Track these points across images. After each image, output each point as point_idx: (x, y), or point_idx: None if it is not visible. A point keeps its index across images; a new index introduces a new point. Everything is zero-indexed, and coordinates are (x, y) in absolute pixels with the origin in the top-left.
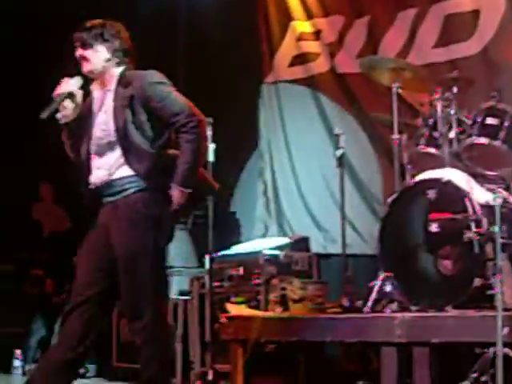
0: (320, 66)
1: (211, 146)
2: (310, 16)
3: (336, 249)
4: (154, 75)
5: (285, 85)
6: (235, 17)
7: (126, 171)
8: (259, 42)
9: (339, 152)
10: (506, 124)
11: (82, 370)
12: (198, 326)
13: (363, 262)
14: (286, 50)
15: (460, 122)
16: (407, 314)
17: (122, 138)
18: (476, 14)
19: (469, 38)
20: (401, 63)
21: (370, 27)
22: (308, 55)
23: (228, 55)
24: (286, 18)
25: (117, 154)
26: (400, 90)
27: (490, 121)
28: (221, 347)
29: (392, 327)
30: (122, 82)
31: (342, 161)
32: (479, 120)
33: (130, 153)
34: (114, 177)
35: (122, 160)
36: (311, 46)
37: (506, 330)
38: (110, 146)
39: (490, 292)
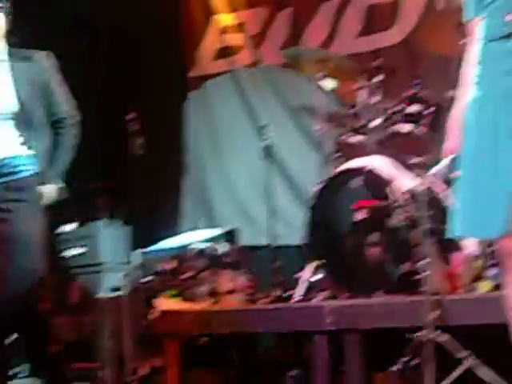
0: (244, 58)
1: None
2: (233, 8)
3: (265, 240)
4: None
5: (210, 78)
6: (157, 10)
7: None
8: (182, 36)
9: (265, 143)
10: (428, 111)
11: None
12: (130, 322)
13: (292, 253)
14: (210, 43)
15: (384, 111)
16: (337, 302)
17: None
18: (397, 3)
19: (391, 28)
20: (324, 54)
21: (293, 18)
22: (232, 48)
23: (150, 49)
24: (209, 10)
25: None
26: (324, 80)
27: (412, 109)
28: (153, 342)
29: (322, 315)
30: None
31: (268, 152)
32: (402, 108)
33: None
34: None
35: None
36: (235, 39)
37: (433, 314)
38: None
39: (417, 277)
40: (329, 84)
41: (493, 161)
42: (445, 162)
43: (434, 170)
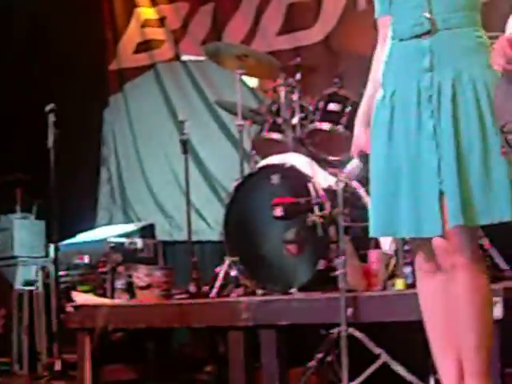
0: (164, 52)
1: (54, 133)
2: (154, 2)
3: (182, 235)
4: None
5: (129, 71)
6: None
7: None
8: (103, 28)
9: (183, 138)
10: (348, 110)
11: None
12: (44, 316)
13: (210, 248)
14: (131, 36)
15: (303, 108)
16: (253, 298)
17: None
18: (319, 2)
19: (312, 26)
20: (245, 50)
21: (214, 14)
22: (152, 42)
23: (71, 40)
24: (131, 3)
25: None
26: (244, 76)
27: (332, 107)
28: (68, 337)
29: (238, 311)
30: None
31: (186, 147)
32: (321, 106)
33: None
34: None
35: None
36: (156, 33)
37: (349, 310)
38: None
39: (333, 274)
40: (249, 80)
41: (411, 161)
42: (354, 161)
43: (345, 169)
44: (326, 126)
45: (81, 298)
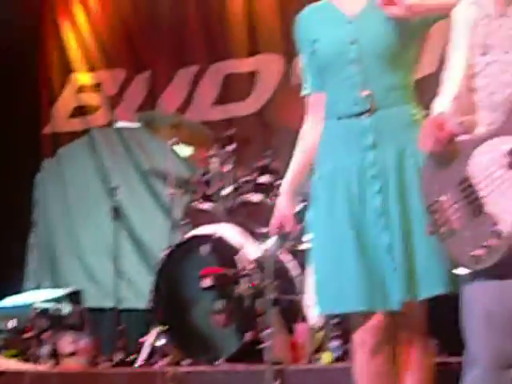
0: (100, 118)
1: None
2: (91, 68)
3: (110, 303)
4: None
5: (64, 136)
6: (15, 61)
7: None
8: (38, 91)
9: (115, 205)
10: (279, 183)
11: None
12: None
13: (137, 317)
14: (66, 101)
15: (235, 180)
16: (179, 368)
17: None
18: (254, 75)
19: (246, 98)
20: (179, 119)
21: (150, 82)
22: (88, 107)
23: (5, 102)
24: (67, 68)
25: None
26: (178, 145)
27: (263, 179)
28: None
29: (164, 381)
30: None
31: (118, 213)
32: (253, 178)
33: None
34: None
35: None
36: (91, 98)
37: (276, 383)
38: None
39: (260, 346)
40: (182, 150)
41: (358, 237)
42: (272, 239)
43: (263, 247)
44: (256, 197)
45: (5, 363)
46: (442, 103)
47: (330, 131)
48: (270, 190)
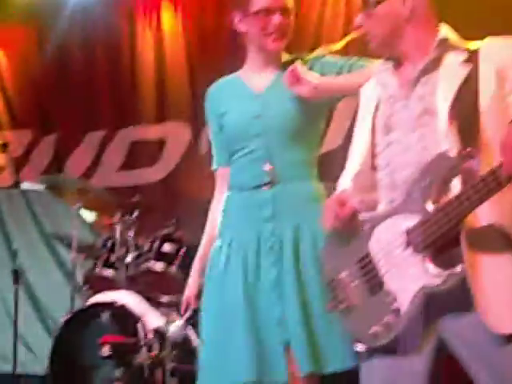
0: (4, 179)
1: None
2: None
3: (8, 367)
4: None
5: None
6: None
7: None
8: None
9: (16, 268)
10: (182, 251)
11: None
12: None
13: (36, 382)
14: None
15: (138, 247)
16: None
17: None
18: (161, 143)
19: (153, 165)
20: (84, 184)
21: (57, 145)
22: None
23: None
24: None
25: None
26: (82, 210)
27: (166, 248)
28: None
29: None
30: None
31: (17, 276)
32: (156, 246)
33: None
34: None
35: None
36: None
37: None
38: None
39: None
40: (87, 215)
41: (248, 310)
42: (177, 323)
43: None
44: (159, 266)
45: None
46: (345, 180)
47: (231, 202)
48: (172, 258)
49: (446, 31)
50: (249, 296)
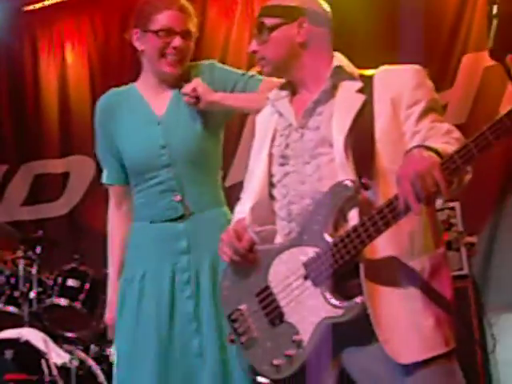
0: None
1: None
2: None
3: None
4: None
5: None
6: None
7: None
8: None
9: None
10: (87, 286)
11: None
12: None
13: None
14: None
15: (41, 282)
16: None
17: None
18: (66, 176)
19: (57, 199)
20: None
21: None
22: None
23: None
24: None
25: None
26: None
27: (71, 282)
28: None
29: None
30: None
31: None
32: (60, 281)
33: None
34: None
35: None
36: None
37: None
38: None
39: None
40: None
41: (162, 343)
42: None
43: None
44: (63, 301)
45: None
46: (241, 210)
47: (141, 234)
48: (77, 293)
49: (340, 58)
50: (161, 330)
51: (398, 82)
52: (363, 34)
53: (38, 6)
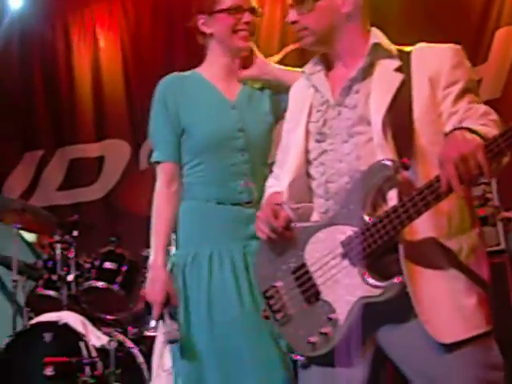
0: None
1: None
2: None
3: None
4: None
5: None
6: None
7: None
8: None
9: None
10: (124, 268)
11: None
12: None
13: None
14: None
15: (79, 266)
16: None
17: None
18: (101, 160)
19: (93, 184)
20: (23, 204)
21: None
22: None
23: None
24: None
25: None
26: (22, 231)
27: (108, 265)
28: None
29: None
30: None
31: None
32: (97, 264)
33: None
34: None
35: None
36: None
37: None
38: None
39: None
40: (26, 235)
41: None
42: (167, 322)
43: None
44: (101, 284)
45: None
46: (275, 183)
47: (207, 214)
48: (114, 276)
49: (378, 35)
50: (233, 310)
51: (437, 61)
52: (396, 8)
53: None
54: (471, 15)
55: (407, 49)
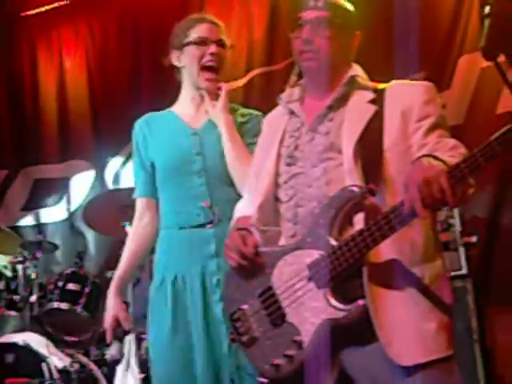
0: None
1: None
2: None
3: None
4: None
5: None
6: None
7: None
8: None
9: None
10: (87, 290)
11: None
12: None
13: None
14: None
15: (42, 286)
16: None
17: None
18: (66, 181)
19: (57, 204)
20: None
21: None
22: None
23: None
24: None
25: None
26: None
27: (71, 286)
28: None
29: None
30: None
31: None
32: (61, 285)
33: None
34: None
35: None
36: None
37: None
38: None
39: None
40: None
41: (199, 344)
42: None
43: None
44: (64, 305)
45: None
46: (244, 208)
47: (170, 240)
48: (77, 297)
49: (356, 68)
50: (199, 331)
51: (410, 96)
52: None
53: (35, 11)
54: (435, 41)
55: (382, 85)
